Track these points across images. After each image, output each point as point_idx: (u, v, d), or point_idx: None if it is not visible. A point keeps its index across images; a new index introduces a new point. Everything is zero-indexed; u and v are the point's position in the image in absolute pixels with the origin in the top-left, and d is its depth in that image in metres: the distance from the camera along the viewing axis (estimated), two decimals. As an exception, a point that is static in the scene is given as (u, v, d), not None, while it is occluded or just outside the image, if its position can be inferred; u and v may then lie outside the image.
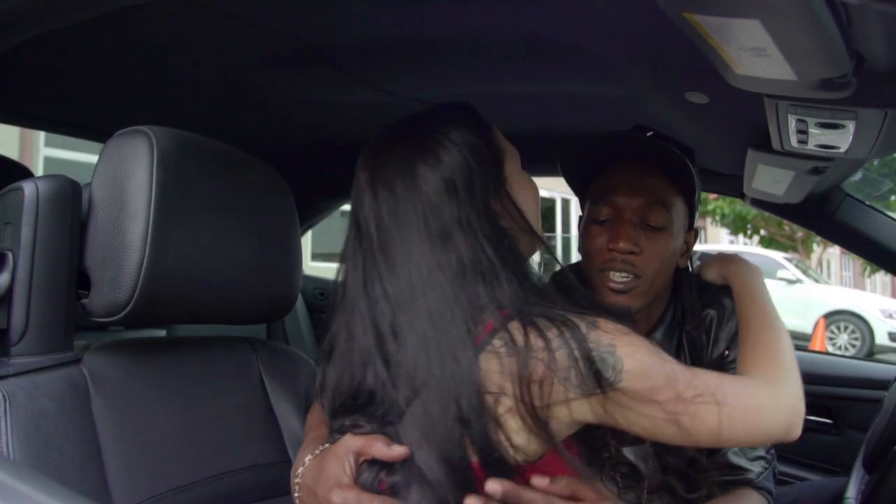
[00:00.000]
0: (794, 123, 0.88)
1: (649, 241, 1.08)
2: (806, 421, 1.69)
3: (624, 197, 1.08)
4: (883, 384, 1.36)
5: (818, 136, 0.91)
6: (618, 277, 1.08)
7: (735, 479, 1.11)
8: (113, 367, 0.84)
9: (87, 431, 0.77)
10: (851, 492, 1.16)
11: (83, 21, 0.80)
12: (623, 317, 0.85)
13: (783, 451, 1.74)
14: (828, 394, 1.65)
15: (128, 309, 0.79)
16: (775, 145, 1.03)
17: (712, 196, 13.31)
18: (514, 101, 1.41)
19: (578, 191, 1.21)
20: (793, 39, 0.56)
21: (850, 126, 0.84)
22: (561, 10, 0.89)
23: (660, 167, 1.09)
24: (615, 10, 0.82)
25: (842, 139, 0.90)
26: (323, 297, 2.30)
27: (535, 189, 0.87)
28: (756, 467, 1.12)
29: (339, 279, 0.81)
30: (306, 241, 2.97)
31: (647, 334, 1.12)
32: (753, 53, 0.61)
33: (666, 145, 1.08)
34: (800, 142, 0.95)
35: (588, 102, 1.35)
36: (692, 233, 1.18)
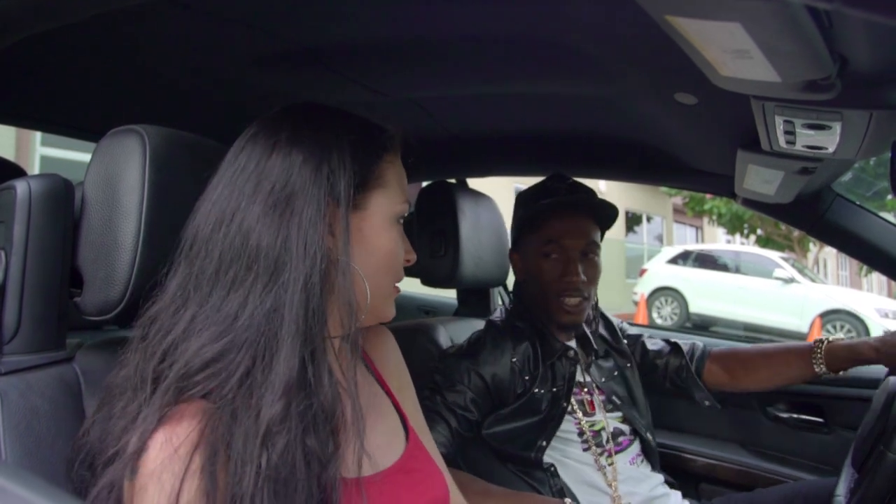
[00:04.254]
0: (781, 124, 0.88)
1: (590, 268, 1.38)
2: (798, 420, 1.72)
3: (571, 240, 1.37)
4: (873, 383, 1.37)
5: (806, 137, 0.91)
6: (572, 302, 1.36)
7: None
8: (105, 365, 0.83)
9: (78, 430, 0.77)
10: (841, 490, 1.17)
11: (75, 22, 0.80)
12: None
13: (775, 450, 1.75)
14: (819, 392, 1.66)
15: (120, 307, 0.79)
16: (764, 146, 1.04)
17: (709, 195, 13.34)
18: (506, 101, 1.42)
19: (522, 226, 1.46)
20: (775, 42, 0.57)
21: (837, 127, 0.84)
22: (551, 10, 0.90)
23: (593, 215, 1.40)
24: (603, 11, 0.83)
25: (829, 140, 0.90)
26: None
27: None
28: None
29: None
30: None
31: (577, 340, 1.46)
32: (737, 55, 0.61)
33: (604, 201, 1.39)
34: (788, 142, 0.96)
35: (579, 103, 1.36)
36: None
